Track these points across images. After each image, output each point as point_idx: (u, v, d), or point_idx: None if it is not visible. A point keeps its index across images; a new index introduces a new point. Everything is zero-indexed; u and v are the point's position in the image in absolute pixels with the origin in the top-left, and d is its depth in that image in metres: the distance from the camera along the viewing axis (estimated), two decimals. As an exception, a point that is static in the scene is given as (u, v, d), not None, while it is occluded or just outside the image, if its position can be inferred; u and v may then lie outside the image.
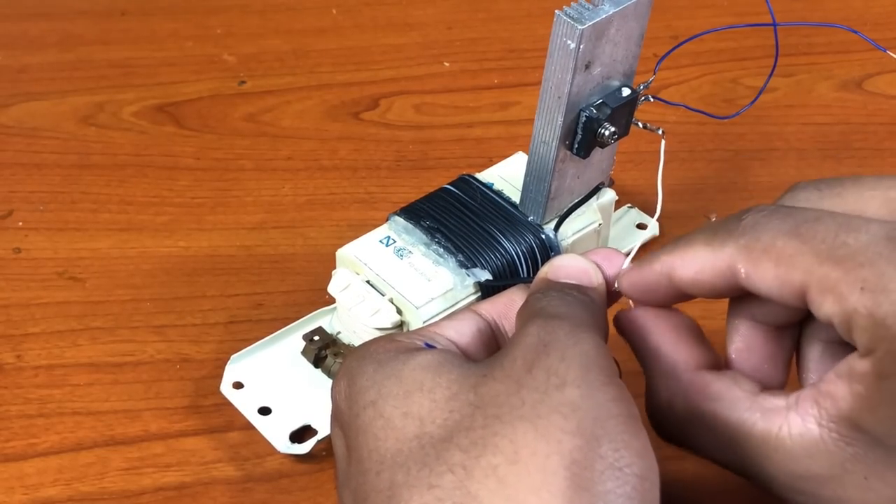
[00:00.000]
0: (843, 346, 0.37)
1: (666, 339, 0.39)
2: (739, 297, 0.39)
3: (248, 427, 0.47)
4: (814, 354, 0.39)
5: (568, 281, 0.40)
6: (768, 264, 0.35)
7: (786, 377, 0.40)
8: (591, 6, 0.43)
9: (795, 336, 0.40)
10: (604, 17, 0.43)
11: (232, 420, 0.47)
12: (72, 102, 0.63)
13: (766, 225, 0.36)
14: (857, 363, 0.34)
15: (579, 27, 0.42)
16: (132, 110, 0.63)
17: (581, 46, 0.43)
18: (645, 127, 0.47)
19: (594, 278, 0.40)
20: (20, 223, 0.56)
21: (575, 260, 0.41)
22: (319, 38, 0.68)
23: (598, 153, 0.48)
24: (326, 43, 0.68)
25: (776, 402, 0.36)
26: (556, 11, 0.43)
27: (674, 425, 0.39)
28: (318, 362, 0.48)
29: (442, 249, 0.47)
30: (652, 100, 0.48)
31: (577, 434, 0.33)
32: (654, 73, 0.47)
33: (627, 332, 0.40)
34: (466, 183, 0.51)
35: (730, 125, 0.60)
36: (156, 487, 0.45)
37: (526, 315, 0.38)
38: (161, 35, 0.68)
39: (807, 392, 0.36)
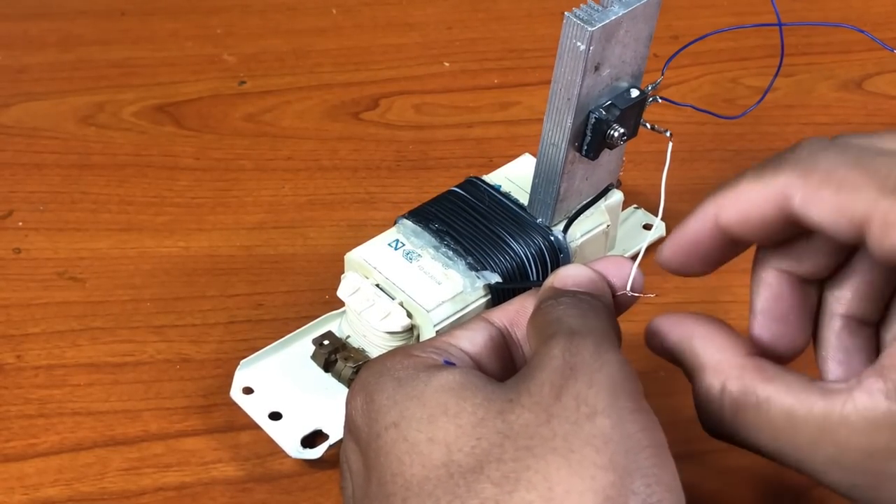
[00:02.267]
0: (862, 325, 0.37)
1: (707, 332, 0.38)
2: (771, 248, 0.38)
3: (249, 427, 0.47)
4: (832, 332, 0.39)
5: (578, 289, 0.40)
6: (827, 191, 0.34)
7: (809, 335, 0.40)
8: (600, 7, 0.43)
9: (817, 295, 0.39)
10: (613, 18, 0.43)
11: (232, 420, 0.47)
12: (72, 102, 0.63)
13: (824, 154, 0.35)
14: None
15: (589, 29, 0.42)
16: (132, 110, 0.63)
17: (591, 48, 0.43)
18: (653, 128, 0.47)
19: (600, 288, 0.40)
20: (20, 223, 0.56)
21: (580, 269, 0.40)
22: (319, 38, 0.68)
23: (606, 154, 0.48)
24: (326, 43, 0.68)
25: (835, 385, 0.35)
26: (566, 13, 0.43)
27: (725, 418, 0.37)
28: (328, 367, 0.48)
29: (451, 252, 0.47)
30: (660, 101, 0.48)
31: (610, 469, 0.32)
32: (662, 74, 0.47)
33: (664, 337, 0.39)
34: (474, 185, 0.50)
35: (730, 125, 0.60)
36: (156, 487, 0.45)
37: (542, 327, 0.38)
38: (161, 35, 0.68)
39: (869, 370, 0.34)
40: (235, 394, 0.47)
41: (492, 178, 0.51)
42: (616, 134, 0.46)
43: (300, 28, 0.69)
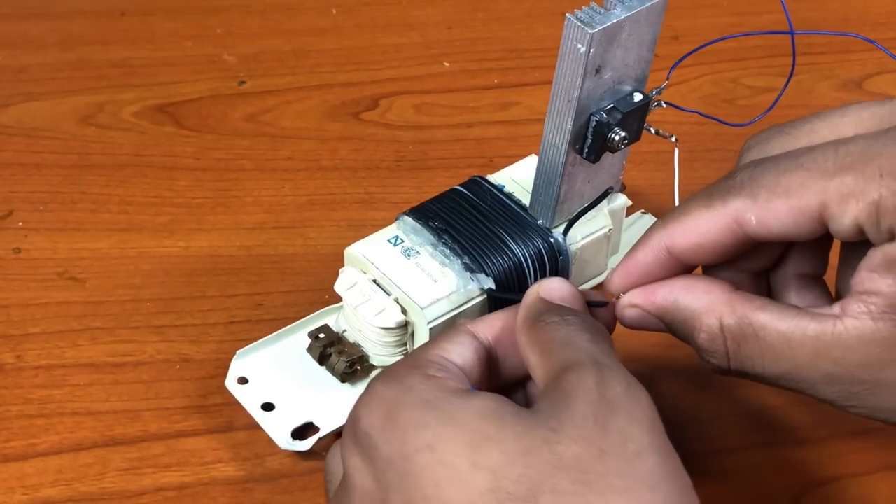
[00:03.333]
0: (813, 280, 0.41)
1: (686, 283, 0.40)
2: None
3: (249, 427, 0.47)
4: (790, 292, 0.41)
5: (564, 304, 0.40)
6: (779, 201, 0.37)
7: None
8: (602, 10, 0.43)
9: (766, 281, 0.42)
10: (615, 21, 0.43)
11: (232, 420, 0.47)
12: (72, 102, 0.63)
13: (763, 172, 0.37)
14: (892, 249, 0.35)
15: (590, 31, 0.42)
16: (132, 110, 0.63)
17: (591, 51, 0.43)
18: (657, 133, 0.47)
19: (582, 306, 0.41)
20: (20, 223, 0.56)
21: (565, 283, 0.41)
22: (319, 38, 0.68)
23: (608, 158, 0.47)
24: (326, 43, 0.68)
25: (822, 310, 0.38)
26: (567, 15, 0.42)
27: (730, 354, 0.39)
28: (322, 360, 0.48)
29: (448, 251, 0.47)
30: (665, 106, 0.47)
31: None
32: (667, 80, 0.47)
33: (644, 305, 0.41)
34: (477, 184, 0.50)
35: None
36: (156, 487, 0.45)
37: (550, 344, 0.38)
38: (161, 35, 0.68)
39: (848, 299, 0.37)
40: (230, 383, 0.47)
41: (496, 177, 0.51)
42: (617, 137, 0.45)
43: (300, 28, 0.69)
